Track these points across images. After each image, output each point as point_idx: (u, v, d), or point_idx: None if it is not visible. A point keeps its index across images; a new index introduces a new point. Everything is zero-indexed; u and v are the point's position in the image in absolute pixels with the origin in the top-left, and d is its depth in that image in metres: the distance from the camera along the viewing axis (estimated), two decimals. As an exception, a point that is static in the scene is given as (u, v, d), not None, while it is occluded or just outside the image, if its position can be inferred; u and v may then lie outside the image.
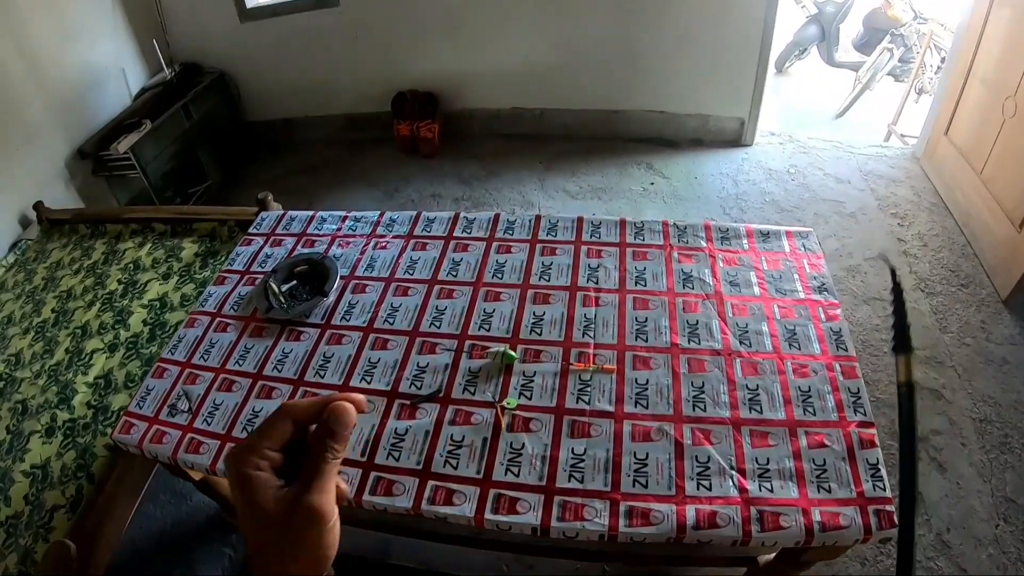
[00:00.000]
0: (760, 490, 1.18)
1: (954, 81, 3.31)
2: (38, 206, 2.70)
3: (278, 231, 1.95)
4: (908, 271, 2.95)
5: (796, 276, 1.60)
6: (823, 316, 1.50)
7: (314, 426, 0.54)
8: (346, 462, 1.28)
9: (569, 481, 1.22)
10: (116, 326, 2.10)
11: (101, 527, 1.62)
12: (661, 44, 3.70)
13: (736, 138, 3.99)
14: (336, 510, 0.52)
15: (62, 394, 1.92)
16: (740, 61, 3.67)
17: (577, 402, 1.35)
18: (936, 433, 2.28)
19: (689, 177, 3.74)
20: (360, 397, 0.55)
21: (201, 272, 2.25)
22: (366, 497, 1.23)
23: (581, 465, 1.24)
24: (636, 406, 1.33)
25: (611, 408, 1.33)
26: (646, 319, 1.51)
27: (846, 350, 1.42)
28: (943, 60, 4.21)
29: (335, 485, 0.53)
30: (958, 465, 2.19)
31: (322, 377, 1.47)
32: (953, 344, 2.60)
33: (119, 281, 2.27)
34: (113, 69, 3.67)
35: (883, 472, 1.20)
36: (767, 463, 1.22)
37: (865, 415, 1.29)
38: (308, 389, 1.44)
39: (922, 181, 3.53)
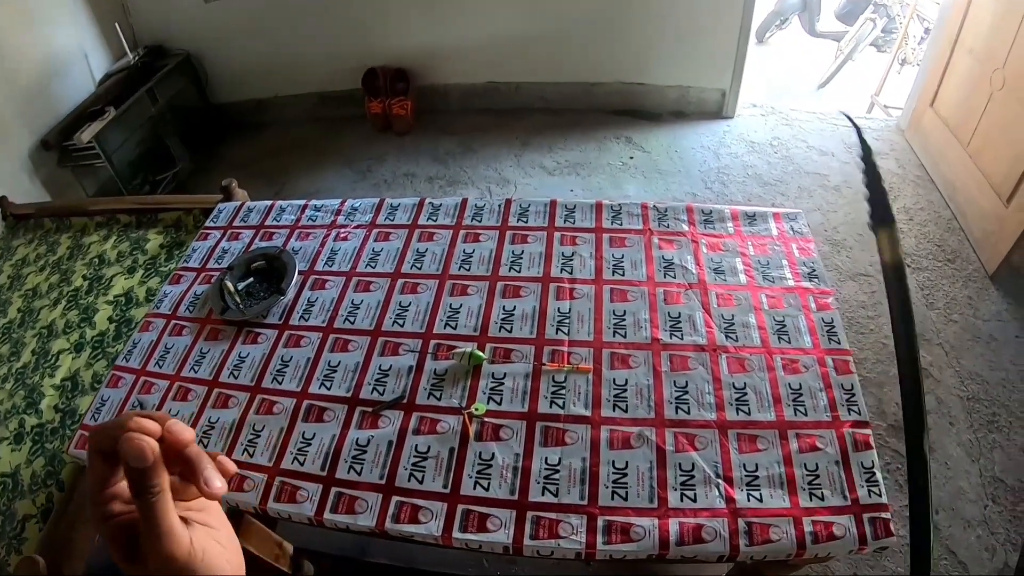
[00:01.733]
0: (748, 500, 1.10)
1: (940, 51, 3.24)
2: (2, 201, 2.61)
3: (235, 223, 1.84)
4: (894, 246, 2.90)
5: (785, 262, 1.51)
6: (814, 305, 1.41)
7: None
8: (307, 477, 1.21)
9: (543, 495, 1.14)
10: (82, 324, 2.03)
11: (72, 537, 1.55)
12: (640, 13, 3.58)
13: (717, 110, 3.90)
14: (197, 537, 0.47)
15: (29, 398, 1.85)
16: (721, 30, 3.56)
17: (551, 406, 1.26)
18: (924, 413, 2.25)
19: (670, 151, 3.66)
20: (152, 425, 0.46)
21: (167, 264, 2.17)
22: (327, 516, 1.15)
23: (555, 476, 1.16)
24: (614, 410, 1.24)
25: (587, 412, 1.24)
26: (624, 312, 1.41)
27: (839, 343, 1.34)
28: (927, 31, 4.16)
29: (174, 519, 0.45)
30: (947, 445, 2.17)
31: (279, 383, 1.38)
32: (940, 321, 2.57)
33: (84, 277, 2.19)
34: (75, 55, 3.53)
35: (878, 476, 1.12)
36: (755, 469, 1.14)
37: (860, 414, 1.21)
38: (266, 397, 1.35)
39: (907, 153, 3.47)
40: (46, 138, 3.23)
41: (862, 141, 0.87)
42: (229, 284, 1.56)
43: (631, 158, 3.62)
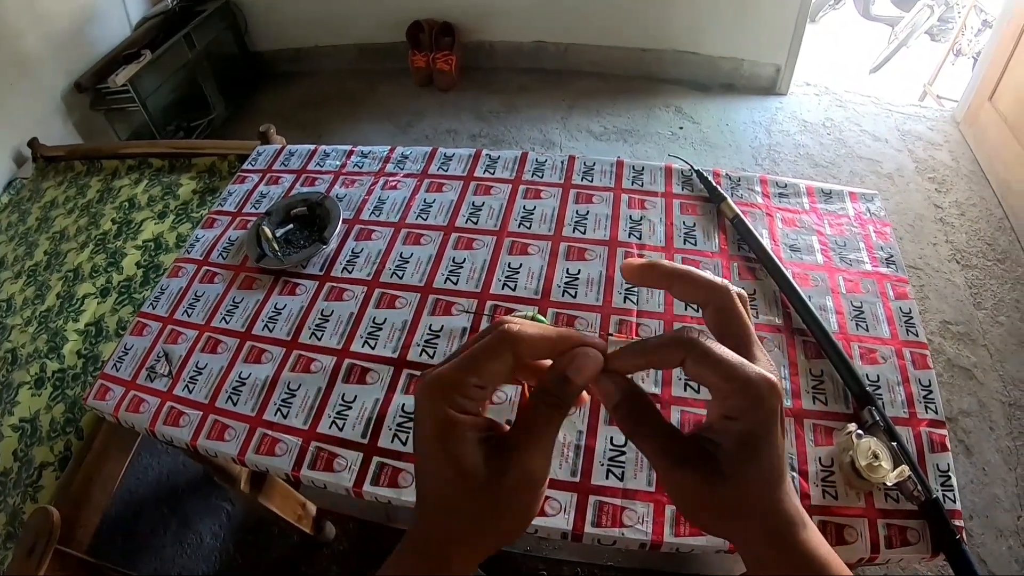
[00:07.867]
0: (824, 497, 0.99)
1: (1003, 44, 3.09)
2: (33, 143, 2.58)
3: (275, 167, 1.71)
4: (944, 240, 2.83)
5: (862, 244, 1.37)
6: (892, 293, 1.28)
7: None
8: (346, 444, 1.10)
9: (607, 478, 1.02)
10: (109, 269, 1.98)
11: (89, 488, 1.50)
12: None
13: (770, 86, 3.78)
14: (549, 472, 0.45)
15: (52, 342, 1.80)
16: (780, 4, 3.43)
17: (617, 381, 1.14)
18: (965, 414, 2.21)
19: (720, 124, 3.55)
20: (601, 344, 0.44)
21: (199, 210, 2.11)
22: (367, 488, 1.04)
23: (621, 459, 1.04)
24: (686, 389, 1.12)
25: (656, 390, 1.12)
26: (697, 283, 1.29)
27: (916, 335, 1.20)
28: (984, 23, 4.01)
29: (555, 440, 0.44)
30: (984, 451, 2.12)
31: (319, 339, 1.26)
32: (987, 321, 2.50)
33: (113, 221, 2.14)
34: (112, -2, 3.48)
35: (954, 481, 1.00)
36: (831, 465, 1.02)
37: (936, 413, 1.08)
38: (303, 353, 1.24)
39: (961, 146, 3.35)
40: (79, 80, 3.19)
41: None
42: (267, 230, 1.45)
43: (680, 128, 3.51)
